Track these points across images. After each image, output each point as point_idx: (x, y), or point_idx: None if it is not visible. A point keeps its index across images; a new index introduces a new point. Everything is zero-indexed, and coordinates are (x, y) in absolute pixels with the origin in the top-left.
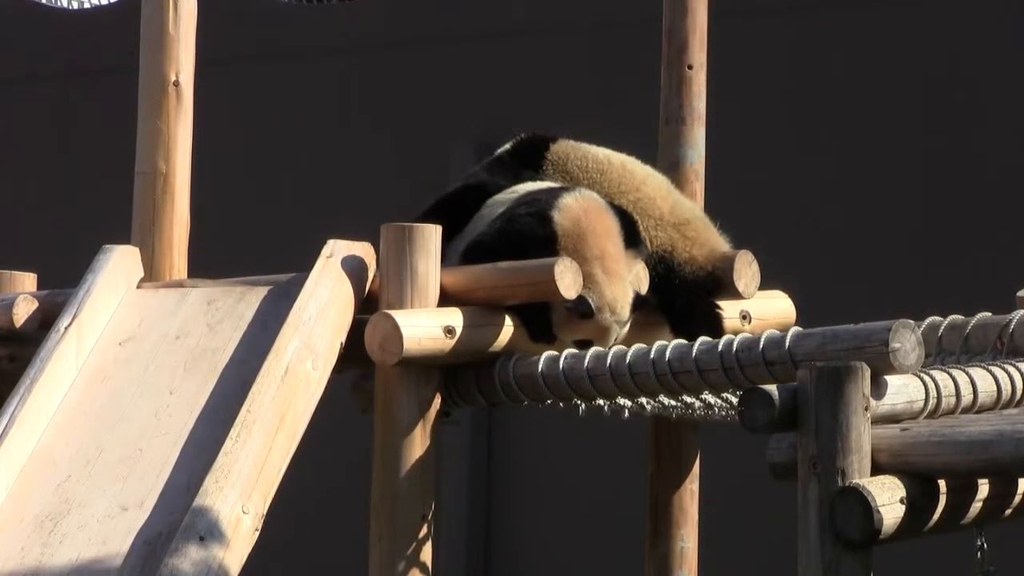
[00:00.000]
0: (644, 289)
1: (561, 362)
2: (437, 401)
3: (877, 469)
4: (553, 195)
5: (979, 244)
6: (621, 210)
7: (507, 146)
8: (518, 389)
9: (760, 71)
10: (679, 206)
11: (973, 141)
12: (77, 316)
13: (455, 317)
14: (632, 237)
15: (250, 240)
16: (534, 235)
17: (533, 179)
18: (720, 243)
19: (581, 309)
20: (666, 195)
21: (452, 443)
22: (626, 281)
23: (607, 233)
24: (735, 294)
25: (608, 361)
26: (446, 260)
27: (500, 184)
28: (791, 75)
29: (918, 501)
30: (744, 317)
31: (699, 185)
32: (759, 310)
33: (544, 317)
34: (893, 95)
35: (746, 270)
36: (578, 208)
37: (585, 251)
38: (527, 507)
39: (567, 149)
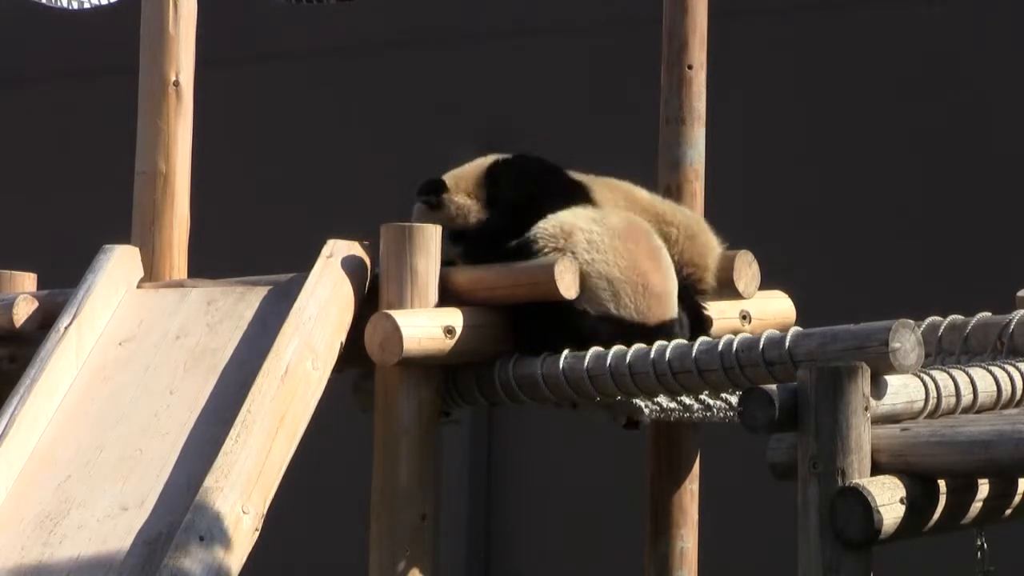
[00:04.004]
0: None
1: (561, 362)
2: (437, 401)
3: (877, 469)
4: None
5: (979, 244)
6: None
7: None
8: (518, 389)
9: (760, 71)
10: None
11: (973, 140)
12: (77, 316)
13: (455, 317)
14: None
15: (250, 240)
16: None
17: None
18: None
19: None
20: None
21: (452, 443)
22: None
23: None
24: (735, 294)
25: (608, 361)
26: None
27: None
28: (791, 75)
29: (918, 501)
30: (744, 317)
31: (699, 185)
32: (759, 310)
33: (533, 326)
34: (893, 95)
35: (746, 270)
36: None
37: None
38: (527, 507)
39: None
